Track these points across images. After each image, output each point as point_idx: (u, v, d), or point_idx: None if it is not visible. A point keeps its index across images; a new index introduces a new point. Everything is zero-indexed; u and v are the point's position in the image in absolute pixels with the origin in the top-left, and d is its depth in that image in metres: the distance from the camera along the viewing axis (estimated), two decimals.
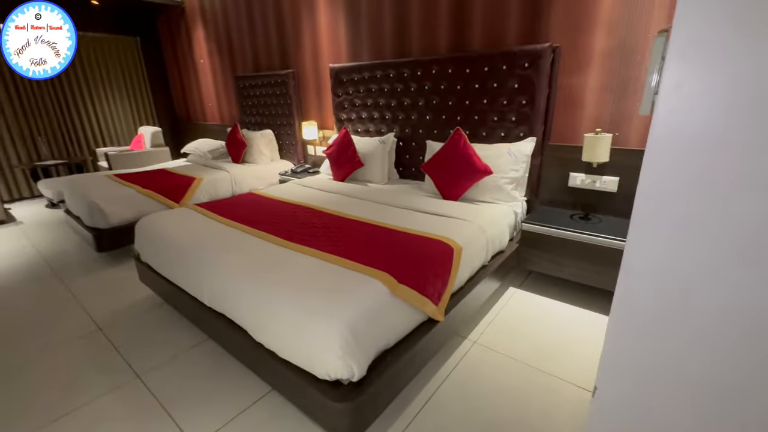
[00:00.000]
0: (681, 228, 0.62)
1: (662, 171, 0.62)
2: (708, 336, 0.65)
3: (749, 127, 0.53)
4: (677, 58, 0.53)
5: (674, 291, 0.67)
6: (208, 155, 4.31)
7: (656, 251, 0.66)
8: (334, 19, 3.32)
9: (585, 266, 2.10)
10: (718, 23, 0.51)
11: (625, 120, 2.16)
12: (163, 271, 2.04)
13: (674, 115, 0.56)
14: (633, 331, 0.76)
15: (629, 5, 2.01)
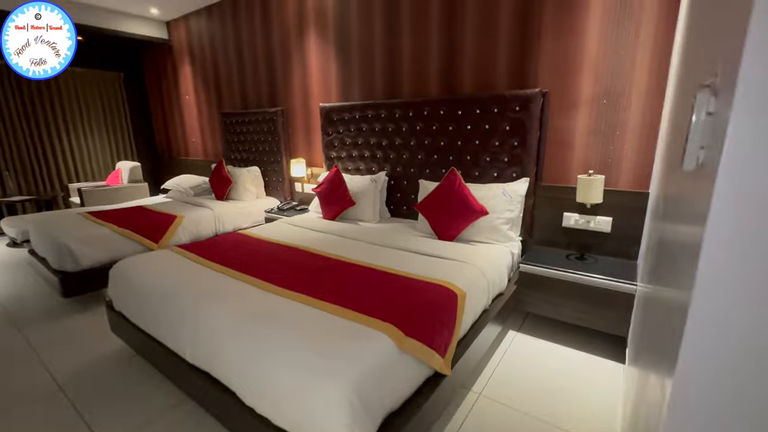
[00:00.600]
0: (754, 306, 0.56)
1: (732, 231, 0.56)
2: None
3: None
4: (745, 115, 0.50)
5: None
6: (190, 191, 4.17)
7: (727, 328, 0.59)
8: (325, 59, 3.37)
9: (583, 308, 2.06)
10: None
11: (614, 162, 2.22)
12: (139, 322, 1.86)
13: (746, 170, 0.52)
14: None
15: (613, 54, 2.11)
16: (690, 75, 0.98)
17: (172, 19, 4.76)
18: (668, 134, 1.43)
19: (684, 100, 1.05)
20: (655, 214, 1.55)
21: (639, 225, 2.15)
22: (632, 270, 2.06)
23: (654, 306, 1.16)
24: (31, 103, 4.82)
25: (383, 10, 2.93)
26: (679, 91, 1.32)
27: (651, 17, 1.99)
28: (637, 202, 2.13)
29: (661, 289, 1.04)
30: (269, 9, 3.67)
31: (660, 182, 1.52)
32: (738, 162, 0.52)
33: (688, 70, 1.05)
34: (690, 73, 0.98)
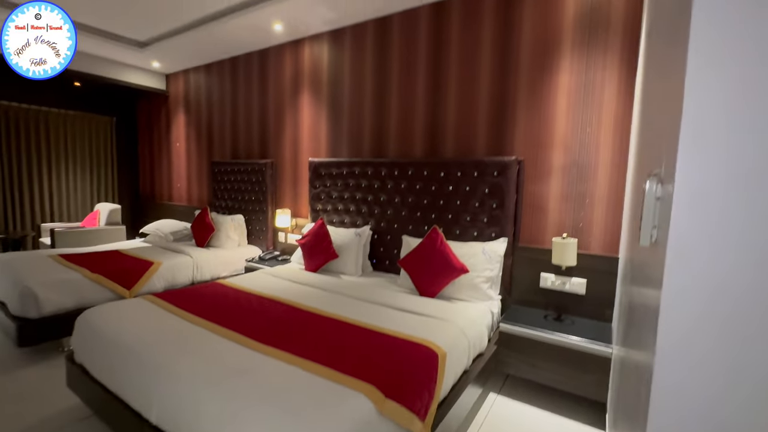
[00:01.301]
0: (712, 370, 0.61)
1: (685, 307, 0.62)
2: None
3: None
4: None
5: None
6: (170, 237, 4.10)
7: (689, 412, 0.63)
8: (317, 116, 3.57)
9: (562, 370, 2.06)
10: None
11: (585, 227, 2.36)
12: (102, 377, 1.74)
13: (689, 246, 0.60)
14: None
15: (580, 130, 2.34)
16: (642, 160, 1.12)
17: (171, 72, 5.01)
18: (630, 207, 1.57)
19: (638, 181, 1.18)
20: (625, 278, 1.64)
21: (611, 288, 2.25)
22: (608, 332, 2.11)
23: (627, 370, 1.19)
24: (16, 140, 4.80)
25: (373, 77, 3.19)
26: (635, 171, 1.48)
27: (611, 101, 2.25)
28: (609, 266, 2.24)
29: (631, 352, 1.08)
30: (267, 70, 3.93)
31: (627, 249, 1.63)
32: (682, 240, 0.60)
33: (641, 155, 1.19)
34: (642, 158, 1.12)
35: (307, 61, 3.61)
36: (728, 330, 0.58)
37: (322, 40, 3.49)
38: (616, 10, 2.21)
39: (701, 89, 0.58)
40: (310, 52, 3.58)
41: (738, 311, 0.57)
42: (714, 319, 0.59)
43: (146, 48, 4.13)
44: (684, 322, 0.61)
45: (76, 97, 5.26)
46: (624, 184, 2.24)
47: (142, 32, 3.90)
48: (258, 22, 3.32)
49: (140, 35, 3.99)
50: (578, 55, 2.33)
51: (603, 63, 2.26)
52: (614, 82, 2.24)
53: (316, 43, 3.54)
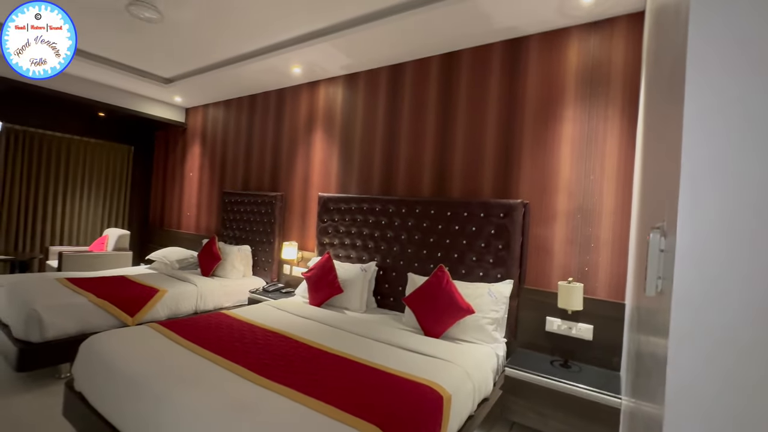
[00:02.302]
0: (723, 421, 0.62)
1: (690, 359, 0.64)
2: None
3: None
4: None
5: None
6: (176, 264, 4.13)
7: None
8: (329, 153, 3.70)
9: (569, 420, 2.00)
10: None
11: (591, 271, 2.37)
12: (100, 406, 1.71)
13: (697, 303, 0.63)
14: None
15: (584, 177, 2.42)
16: (646, 211, 1.17)
17: (192, 106, 5.26)
18: (635, 253, 1.60)
19: (642, 231, 1.22)
20: (632, 325, 1.64)
21: (619, 335, 2.22)
22: (616, 381, 2.06)
23: (637, 422, 1.17)
24: (37, 164, 4.97)
25: (385, 118, 3.34)
26: (639, 221, 1.52)
27: (613, 150, 2.34)
28: (615, 312, 2.23)
29: (641, 403, 1.07)
30: (283, 108, 4.14)
31: (633, 296, 1.64)
32: (686, 290, 0.63)
33: (644, 206, 1.24)
34: (646, 210, 1.17)
35: (322, 101, 3.80)
36: (734, 379, 0.60)
37: (337, 82, 3.69)
38: (616, 67, 2.36)
39: (698, 147, 0.63)
40: (325, 93, 3.78)
41: (742, 360, 0.59)
42: (719, 367, 0.60)
43: (170, 84, 4.38)
44: (690, 371, 0.63)
45: (99, 126, 5.51)
46: (628, 230, 2.27)
47: (168, 70, 4.16)
48: (278, 66, 3.53)
49: (166, 72, 4.24)
50: (581, 107, 2.45)
51: (605, 114, 2.38)
52: (616, 133, 2.34)
53: (331, 86, 3.74)
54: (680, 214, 0.63)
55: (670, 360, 0.64)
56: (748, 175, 0.60)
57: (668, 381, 0.64)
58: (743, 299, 0.60)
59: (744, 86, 0.60)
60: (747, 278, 0.59)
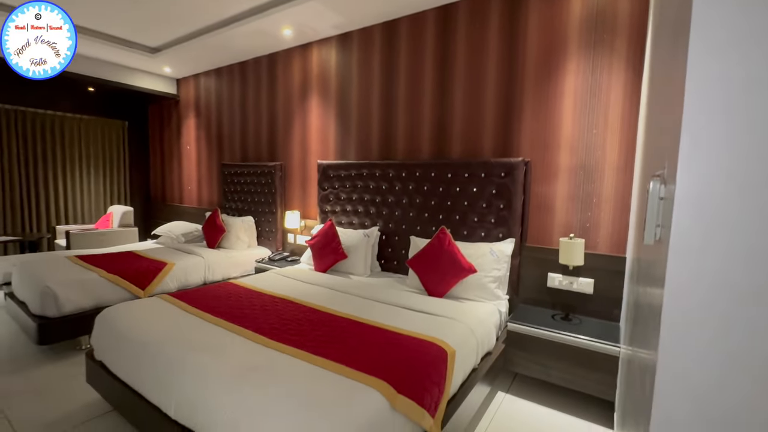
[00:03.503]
0: (714, 364, 0.63)
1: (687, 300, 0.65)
2: None
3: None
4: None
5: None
6: (181, 238, 4.18)
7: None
8: (326, 119, 3.63)
9: (570, 369, 2.08)
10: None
11: (593, 227, 2.38)
12: (121, 372, 1.80)
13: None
14: None
15: (586, 132, 2.36)
16: (648, 161, 1.15)
17: (182, 77, 5.10)
18: (637, 206, 1.59)
19: (644, 181, 1.20)
20: (632, 277, 1.66)
21: (619, 287, 2.26)
22: (615, 332, 2.13)
23: (633, 368, 1.22)
24: (33, 145, 4.93)
25: (381, 79, 3.23)
26: (641, 172, 1.50)
27: (617, 103, 2.27)
28: (616, 266, 2.26)
29: (637, 350, 1.11)
30: (276, 73, 4.00)
31: (634, 248, 1.65)
32: (683, 238, 0.63)
33: (647, 156, 1.22)
34: (648, 159, 1.15)
35: (316, 64, 3.67)
36: (727, 325, 0.61)
37: (330, 44, 3.55)
38: (622, 13, 2.23)
39: (702, 90, 0.60)
40: (318, 56, 3.64)
41: (736, 307, 0.60)
42: (714, 313, 0.62)
43: (158, 54, 4.22)
44: (685, 316, 0.64)
45: (90, 102, 5.39)
46: (631, 185, 2.25)
47: (153, 38, 3.99)
48: (267, 28, 3.38)
49: (152, 41, 4.08)
50: (584, 58, 2.35)
51: (609, 66, 2.28)
52: (620, 85, 2.25)
53: (324, 47, 3.59)
54: (681, 159, 0.61)
55: (666, 305, 0.65)
56: (751, 121, 0.58)
57: (663, 326, 0.66)
58: (740, 246, 0.59)
59: (755, 23, 0.56)
60: (744, 225, 0.59)
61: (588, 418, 2.05)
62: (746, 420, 0.61)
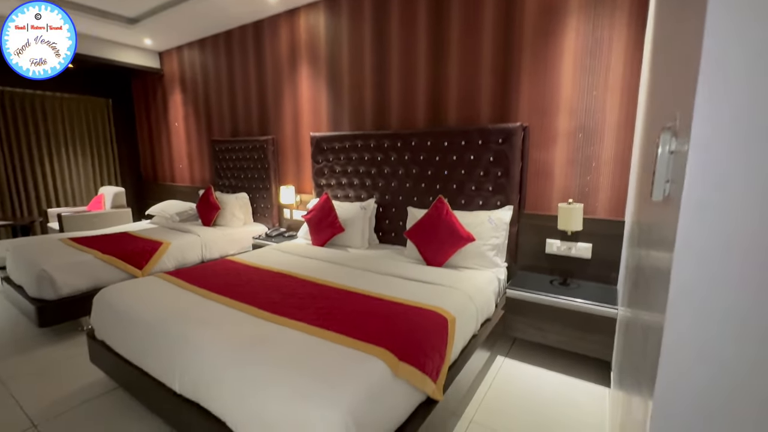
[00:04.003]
0: (723, 324, 0.61)
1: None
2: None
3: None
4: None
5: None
6: (176, 218, 4.13)
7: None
8: (316, 90, 3.50)
9: (568, 332, 2.12)
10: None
11: (591, 191, 2.35)
12: (124, 351, 1.80)
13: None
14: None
15: (586, 94, 2.29)
16: (654, 116, 1.10)
17: (165, 49, 4.88)
18: (639, 167, 1.56)
19: (649, 138, 1.16)
20: (631, 240, 1.65)
21: (617, 251, 2.27)
22: (613, 294, 2.15)
23: (633, 329, 1.22)
24: (14, 126, 4.76)
25: (372, 46, 3.10)
26: (646, 129, 1.45)
27: (618, 62, 2.19)
28: (614, 230, 2.25)
29: (639, 312, 1.11)
30: (262, 42, 3.83)
31: (634, 211, 1.63)
32: (696, 193, 0.60)
33: (652, 111, 1.17)
34: (654, 114, 1.10)
35: (303, 32, 3.50)
36: (740, 284, 0.59)
37: (317, 9, 3.37)
38: None
39: (722, 31, 0.55)
40: (305, 22, 3.47)
41: (750, 266, 0.58)
42: (726, 272, 0.59)
43: (136, 24, 4.01)
44: (695, 276, 0.62)
45: (70, 79, 5.16)
46: (631, 147, 2.21)
47: (130, 8, 3.77)
48: None
49: (129, 11, 3.86)
50: (585, 15, 2.24)
51: (611, 22, 2.18)
52: (622, 42, 2.16)
53: (311, 13, 3.42)
54: (697, 107, 0.57)
55: (676, 264, 0.63)
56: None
57: (672, 286, 0.64)
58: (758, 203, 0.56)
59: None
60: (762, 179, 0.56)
61: (585, 378, 2.11)
62: (757, 382, 0.60)
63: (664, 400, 0.67)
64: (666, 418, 0.67)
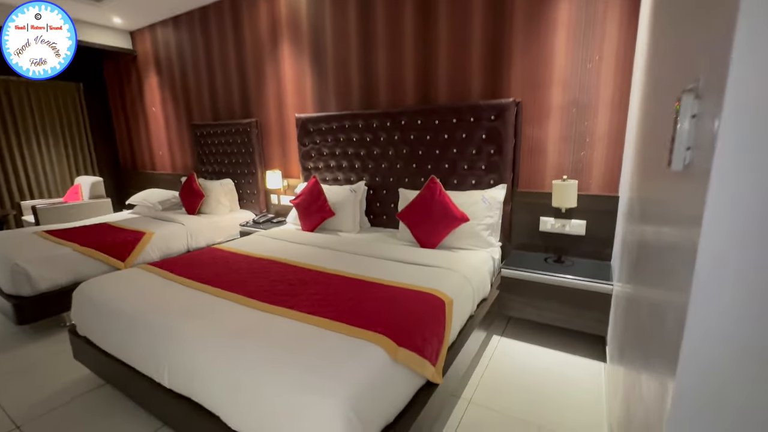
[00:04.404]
0: (755, 303, 0.57)
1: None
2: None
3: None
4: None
5: None
6: (158, 206, 3.98)
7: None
8: (300, 70, 3.35)
9: (563, 309, 2.11)
10: None
11: (585, 167, 2.32)
12: (109, 347, 1.72)
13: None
14: None
15: (580, 68, 2.23)
16: (662, 82, 1.04)
17: (136, 29, 4.60)
18: (640, 140, 1.51)
19: (657, 107, 1.11)
20: (630, 216, 1.62)
21: (611, 227, 2.25)
22: (607, 270, 2.15)
23: (637, 306, 1.20)
24: None
25: (357, 21, 2.95)
26: (646, 99, 1.40)
27: (612, 35, 2.12)
28: (609, 205, 2.23)
29: (645, 289, 1.07)
30: (241, 19, 3.62)
31: (634, 185, 1.60)
32: (729, 160, 0.54)
33: (660, 79, 1.11)
34: (663, 81, 1.04)
35: (284, 6, 3.32)
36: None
37: None
38: None
39: None
40: None
41: None
42: (762, 249, 0.54)
43: (102, 2, 3.74)
44: (723, 251, 0.57)
45: None
46: (625, 120, 2.17)
47: None
48: None
49: None
50: None
51: None
52: (617, 11, 2.09)
53: None
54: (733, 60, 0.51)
55: (704, 240, 0.57)
56: None
57: (699, 263, 0.58)
58: None
59: None
60: None
61: (580, 353, 2.12)
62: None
63: (687, 380, 0.63)
64: (688, 398, 0.64)
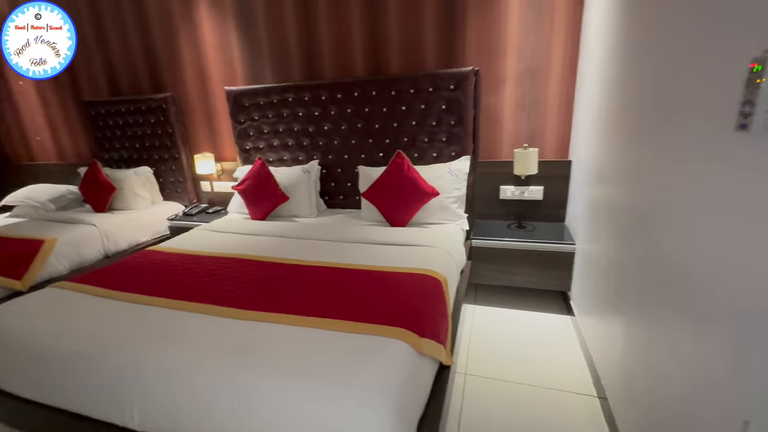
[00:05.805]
0: None
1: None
2: None
3: None
4: None
5: None
6: (50, 206, 3.22)
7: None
8: (224, 35, 2.88)
9: (533, 272, 2.23)
10: None
11: (540, 134, 2.41)
12: (29, 393, 1.33)
13: None
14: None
15: (533, 35, 2.26)
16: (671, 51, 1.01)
17: None
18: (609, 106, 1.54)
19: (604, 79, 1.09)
20: (600, 178, 1.71)
21: (565, 191, 2.41)
22: (563, 230, 2.31)
23: (618, 264, 1.26)
24: None
25: None
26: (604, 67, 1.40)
27: (563, 4, 2.17)
28: (563, 170, 2.37)
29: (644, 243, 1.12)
30: None
31: (602, 149, 1.67)
32: None
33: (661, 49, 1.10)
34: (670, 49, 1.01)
35: None
36: None
37: None
38: None
39: None
40: None
41: None
42: None
43: None
44: None
45: None
46: (574, 88, 2.28)
47: None
48: None
49: None
50: None
51: None
52: None
53: None
54: None
55: None
56: None
57: None
58: None
59: None
60: None
61: (547, 310, 2.28)
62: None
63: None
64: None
